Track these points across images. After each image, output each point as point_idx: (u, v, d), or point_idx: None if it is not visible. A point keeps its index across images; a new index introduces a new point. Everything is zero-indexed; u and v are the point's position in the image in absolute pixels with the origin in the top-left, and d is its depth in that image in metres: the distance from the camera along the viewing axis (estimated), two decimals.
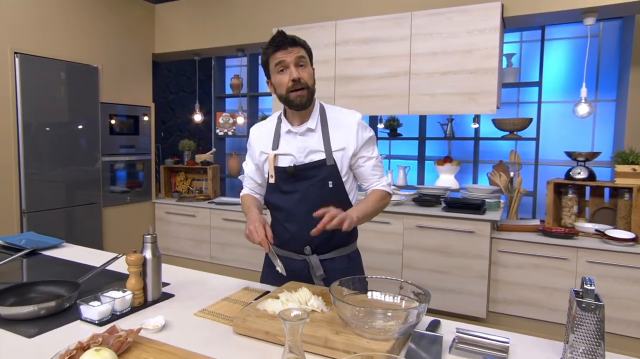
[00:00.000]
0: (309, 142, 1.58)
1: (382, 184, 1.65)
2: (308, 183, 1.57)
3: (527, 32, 4.14)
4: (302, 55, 1.51)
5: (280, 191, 1.62)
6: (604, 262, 2.85)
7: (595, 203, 3.33)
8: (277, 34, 1.52)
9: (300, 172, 1.58)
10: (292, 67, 1.49)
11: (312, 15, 3.76)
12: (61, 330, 1.26)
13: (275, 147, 1.62)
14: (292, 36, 1.52)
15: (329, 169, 1.56)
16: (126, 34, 4.23)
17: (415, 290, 1.22)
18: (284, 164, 1.60)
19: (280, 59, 1.49)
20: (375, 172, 1.64)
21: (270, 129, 1.67)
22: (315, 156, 1.57)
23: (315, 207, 1.47)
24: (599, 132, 4.05)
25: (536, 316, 3.04)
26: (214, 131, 5.16)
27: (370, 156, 1.63)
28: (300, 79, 1.49)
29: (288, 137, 1.61)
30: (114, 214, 4.16)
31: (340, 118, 1.60)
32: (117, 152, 4.16)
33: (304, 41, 1.56)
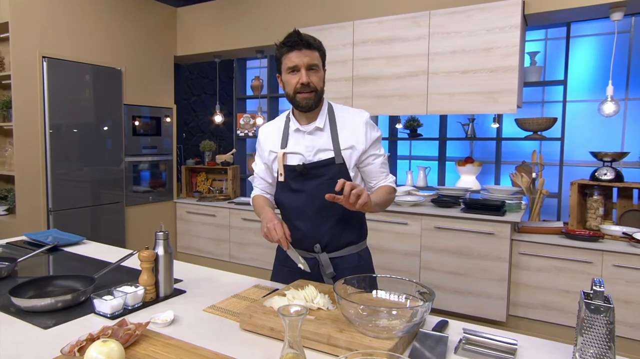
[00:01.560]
0: (318, 141, 1.59)
1: (389, 181, 1.68)
2: (317, 181, 1.58)
3: (551, 29, 4.03)
4: (315, 61, 1.52)
5: (290, 189, 1.64)
6: (632, 267, 2.74)
7: (622, 205, 3.22)
8: (292, 33, 1.52)
9: (309, 170, 1.59)
10: (303, 71, 1.50)
11: (330, 16, 3.76)
12: (75, 322, 1.30)
13: (284, 146, 1.63)
14: (308, 38, 1.51)
15: (338, 167, 1.57)
16: (149, 37, 4.34)
17: (420, 289, 1.20)
18: (293, 162, 1.61)
19: (292, 61, 1.50)
20: (383, 170, 1.66)
21: (279, 128, 1.68)
22: (324, 154, 1.58)
23: (325, 205, 1.51)
24: (629, 131, 3.90)
25: (559, 320, 2.95)
26: (234, 132, 5.22)
27: (378, 154, 1.64)
28: (310, 83, 1.51)
29: (297, 136, 1.63)
30: (137, 213, 4.26)
31: (348, 117, 1.61)
32: (139, 152, 4.26)
33: (319, 44, 1.56)
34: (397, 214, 3.34)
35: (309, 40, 1.51)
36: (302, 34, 1.52)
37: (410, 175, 4.20)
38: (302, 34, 1.52)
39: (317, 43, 1.55)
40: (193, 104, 5.33)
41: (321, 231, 1.61)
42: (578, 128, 3.93)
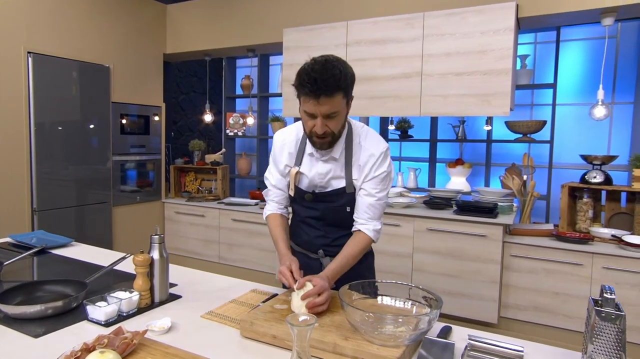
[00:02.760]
0: (331, 169, 1.53)
1: (368, 228, 1.51)
2: (327, 205, 1.57)
3: (541, 33, 4.07)
4: (334, 108, 1.35)
5: (300, 204, 1.63)
6: (621, 269, 2.78)
7: (611, 208, 3.26)
8: (312, 72, 1.29)
9: (319, 197, 1.57)
10: (319, 121, 1.37)
11: (323, 16, 3.73)
12: (68, 330, 1.25)
13: (298, 163, 1.58)
14: (328, 82, 1.28)
15: (348, 196, 1.54)
16: (138, 34, 4.25)
17: (426, 295, 1.18)
18: (303, 185, 1.58)
19: (309, 108, 1.36)
20: (368, 211, 1.51)
21: (295, 143, 1.59)
22: (336, 182, 1.54)
23: (333, 223, 1.58)
24: (615, 135, 3.96)
25: (549, 322, 2.98)
26: (224, 131, 5.16)
27: (371, 193, 1.51)
28: (326, 131, 1.40)
29: (310, 159, 1.56)
30: (124, 214, 4.17)
31: (364, 146, 1.52)
32: (127, 151, 4.17)
33: (344, 83, 1.33)
34: (389, 215, 3.33)
35: (328, 84, 1.29)
36: (323, 74, 1.28)
37: (400, 176, 4.19)
38: (323, 74, 1.28)
39: (342, 82, 1.32)
40: (182, 103, 5.25)
41: (327, 240, 1.62)
42: (565, 131, 3.97)
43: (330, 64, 1.32)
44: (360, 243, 1.51)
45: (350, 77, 1.38)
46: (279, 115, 4.72)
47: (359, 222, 1.53)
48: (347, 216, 1.57)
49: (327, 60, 1.34)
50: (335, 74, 1.30)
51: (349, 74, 1.37)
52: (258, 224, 4.03)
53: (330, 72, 1.30)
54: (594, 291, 2.85)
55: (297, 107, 4.28)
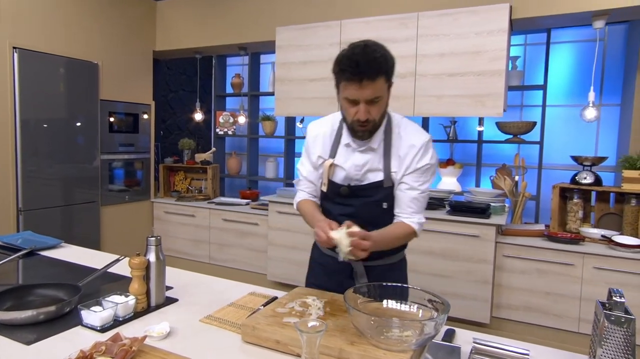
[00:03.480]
0: (368, 160, 1.46)
1: (412, 221, 1.45)
2: (362, 201, 1.48)
3: (531, 35, 4.11)
4: (377, 93, 1.30)
5: (333, 201, 1.54)
6: (611, 269, 2.81)
7: (600, 208, 3.30)
8: (353, 56, 1.26)
9: (354, 191, 1.48)
10: (362, 107, 1.32)
11: (317, 15, 3.71)
12: (61, 336, 1.21)
13: (332, 155, 1.50)
14: (370, 65, 1.25)
15: (386, 190, 1.46)
16: (127, 31, 4.17)
17: (432, 299, 1.17)
18: (338, 179, 1.50)
19: (351, 93, 1.31)
20: (412, 204, 1.45)
21: (329, 133, 1.53)
22: (373, 175, 1.46)
23: (367, 222, 1.42)
24: (602, 136, 4.01)
25: (541, 322, 3.00)
26: (213, 130, 5.10)
27: (413, 186, 1.44)
28: (369, 118, 1.35)
29: (347, 150, 1.48)
30: (112, 213, 4.09)
31: (405, 137, 1.45)
32: (116, 150, 4.10)
33: (386, 66, 1.29)
34: None
35: (371, 67, 1.26)
36: (365, 57, 1.26)
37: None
38: (365, 57, 1.26)
39: (384, 65, 1.29)
40: (171, 101, 5.18)
41: None
42: (554, 132, 4.01)
43: (371, 47, 1.29)
44: (404, 229, 1.44)
45: (391, 61, 1.34)
46: (269, 114, 4.68)
47: (402, 217, 1.45)
48: (383, 214, 1.48)
49: (366, 44, 1.30)
50: (377, 56, 1.28)
51: (390, 57, 1.33)
52: (249, 224, 3.99)
53: (371, 55, 1.27)
54: (585, 291, 2.89)
55: (290, 105, 4.22)
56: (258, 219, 3.94)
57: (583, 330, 2.91)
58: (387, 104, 1.41)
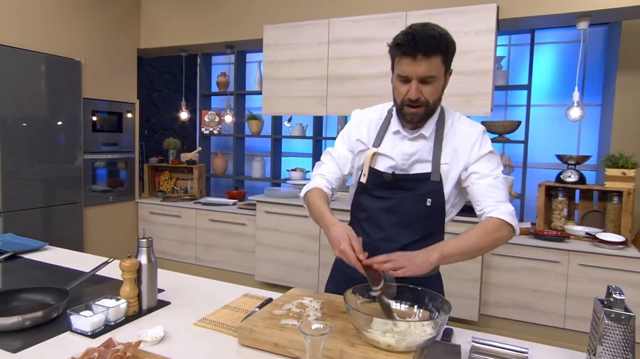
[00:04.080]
0: (419, 149, 1.36)
1: (499, 211, 1.28)
2: (404, 194, 1.37)
3: (515, 35, 4.16)
4: (432, 71, 1.24)
5: (370, 194, 1.43)
6: (595, 266, 2.86)
7: (584, 206, 3.36)
8: (409, 31, 1.23)
9: (399, 181, 1.37)
10: (414, 83, 1.25)
11: (305, 13, 3.68)
12: (49, 343, 1.16)
13: (377, 144, 1.41)
14: (428, 40, 1.20)
15: (432, 185, 1.35)
16: (110, 28, 4.07)
17: (433, 298, 1.16)
18: (382, 167, 1.40)
19: (404, 69, 1.25)
20: (490, 193, 1.30)
21: (376, 120, 1.44)
22: (420, 166, 1.37)
23: (407, 222, 1.36)
24: (583, 136, 4.10)
25: (528, 319, 3.04)
26: (199, 130, 5.03)
27: (485, 173, 1.32)
28: (420, 98, 1.27)
29: (394, 138, 1.39)
30: (96, 214, 4.00)
31: (458, 127, 1.38)
32: (99, 150, 4.00)
33: (446, 43, 1.24)
34: None
35: (429, 42, 1.21)
36: (422, 33, 1.21)
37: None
38: (422, 33, 1.21)
39: (443, 44, 1.23)
40: (155, 100, 5.08)
41: (395, 246, 1.36)
42: (537, 131, 4.07)
43: (430, 26, 1.25)
44: (489, 228, 1.26)
45: (452, 44, 1.29)
46: (256, 113, 4.64)
47: (487, 210, 1.29)
48: (425, 213, 1.36)
49: (426, 23, 1.27)
50: (435, 35, 1.23)
51: (450, 40, 1.28)
52: (236, 224, 3.94)
53: (429, 32, 1.23)
54: (570, 288, 2.93)
55: (277, 104, 4.18)
56: (245, 219, 3.90)
57: (568, 326, 2.96)
58: (442, 90, 1.33)
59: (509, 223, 1.28)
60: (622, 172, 3.05)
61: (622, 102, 3.64)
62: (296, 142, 4.91)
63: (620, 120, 3.66)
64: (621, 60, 3.62)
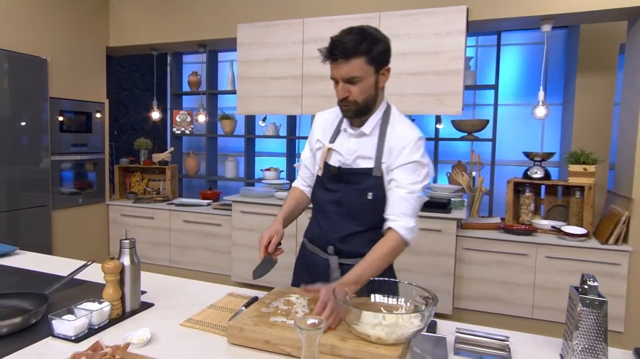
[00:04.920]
0: (361, 147, 1.48)
1: (399, 224, 1.38)
2: (350, 188, 1.49)
3: (482, 37, 4.30)
4: (354, 72, 1.32)
5: (324, 187, 1.56)
6: (561, 257, 2.99)
7: (549, 201, 3.51)
8: (331, 40, 1.33)
9: (343, 175, 1.50)
10: (340, 85, 1.37)
11: (279, 12, 3.68)
12: (31, 349, 1.13)
13: (332, 141, 1.54)
14: (346, 45, 1.30)
15: (374, 180, 1.45)
16: (78, 25, 3.94)
17: (420, 292, 1.20)
18: (333, 162, 1.53)
19: (331, 72, 1.38)
20: (399, 205, 1.39)
21: (332, 120, 1.59)
22: (363, 162, 1.48)
23: (351, 213, 1.49)
24: (546, 134, 4.29)
25: (499, 310, 3.15)
26: (170, 130, 4.94)
27: (401, 185, 1.40)
28: (348, 97, 1.38)
29: (344, 135, 1.53)
30: (65, 217, 3.86)
31: (397, 130, 1.45)
32: (67, 151, 3.86)
33: (367, 46, 1.31)
34: None
35: (346, 47, 1.30)
36: (341, 39, 1.31)
37: None
38: (341, 39, 1.31)
39: (363, 46, 1.30)
40: (124, 100, 4.96)
41: (338, 235, 1.51)
42: (502, 130, 4.23)
43: (355, 29, 1.34)
44: (389, 242, 1.37)
45: (381, 45, 1.35)
46: (228, 113, 4.60)
47: (390, 219, 1.40)
48: (367, 205, 1.46)
49: (353, 28, 1.36)
50: (356, 38, 1.31)
51: (377, 41, 1.34)
52: (211, 225, 3.90)
53: (349, 37, 1.32)
54: (538, 279, 3.06)
55: (252, 103, 4.15)
56: (221, 220, 3.87)
57: (536, 316, 3.08)
58: (374, 87, 1.40)
59: (406, 240, 1.40)
60: (583, 168, 3.20)
61: (582, 102, 3.83)
62: (269, 142, 4.90)
63: (581, 119, 3.84)
64: (580, 62, 3.80)
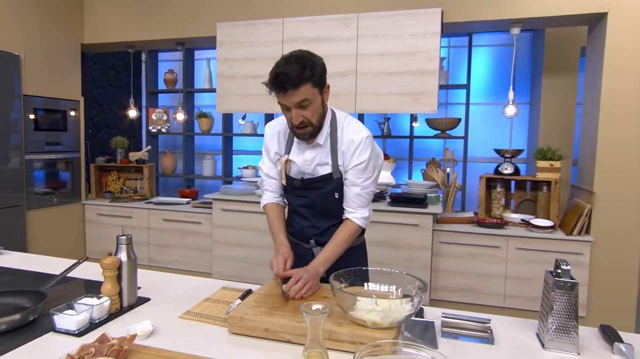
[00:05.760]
0: (317, 155, 1.58)
1: (355, 216, 1.58)
2: (316, 192, 1.62)
3: (454, 38, 4.45)
4: (304, 96, 1.40)
5: (292, 194, 1.69)
6: (530, 248, 3.16)
7: (519, 195, 3.69)
8: (275, 72, 1.39)
9: (308, 184, 1.62)
10: (294, 111, 1.44)
11: (258, 11, 3.70)
12: (34, 344, 1.15)
13: (287, 151, 1.64)
14: (292, 75, 1.36)
15: (336, 181, 1.59)
16: (51, 21, 3.83)
17: (411, 280, 1.28)
18: (293, 173, 1.64)
19: (280, 101, 1.45)
20: (355, 200, 1.57)
21: (284, 130, 1.65)
22: (322, 169, 1.59)
23: (323, 212, 1.63)
24: (514, 131, 4.49)
25: (473, 301, 3.30)
26: (145, 128, 4.89)
27: (355, 183, 1.56)
28: (303, 120, 1.46)
29: (299, 146, 1.61)
30: (40, 218, 3.77)
31: (346, 133, 1.56)
32: (42, 149, 3.78)
33: (310, 73, 1.39)
34: None
35: (293, 77, 1.37)
36: (285, 71, 1.37)
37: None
38: (285, 71, 1.37)
39: (307, 73, 1.38)
40: (98, 97, 4.87)
41: (318, 230, 1.66)
42: (475, 128, 4.40)
43: (292, 58, 1.40)
44: (348, 230, 1.58)
45: (320, 68, 1.44)
46: (206, 111, 4.59)
47: (348, 211, 1.60)
48: (335, 203, 1.62)
49: (291, 56, 1.42)
50: (297, 68, 1.37)
51: (316, 65, 1.43)
52: (191, 223, 3.90)
53: (292, 67, 1.38)
54: (509, 270, 3.22)
55: (231, 102, 4.18)
56: (201, 218, 3.87)
57: (507, 305, 3.24)
58: (322, 105, 1.50)
59: (361, 227, 1.60)
60: (550, 164, 3.39)
61: (548, 101, 4.03)
62: (246, 140, 4.92)
63: (546, 117, 4.05)
64: (546, 63, 4.01)
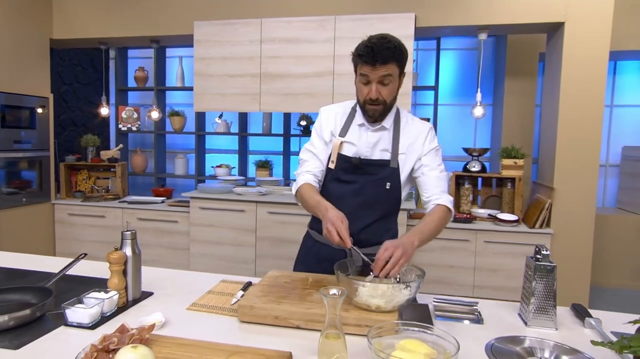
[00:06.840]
0: (380, 139, 1.60)
1: (444, 200, 1.57)
2: (368, 178, 1.60)
3: (422, 41, 4.64)
4: (389, 74, 1.47)
5: (337, 179, 1.64)
6: (496, 241, 3.37)
7: (485, 192, 3.91)
8: (369, 43, 1.45)
9: (363, 166, 1.60)
10: (374, 86, 1.49)
11: (236, 11, 3.72)
12: (49, 337, 1.17)
13: (343, 135, 1.63)
14: (384, 52, 1.43)
15: (391, 170, 1.60)
16: (18, 15, 3.70)
17: (410, 269, 1.39)
18: (349, 153, 1.61)
19: (365, 72, 1.49)
20: (437, 184, 1.59)
21: (342, 115, 1.67)
22: (382, 154, 1.61)
23: (369, 203, 1.59)
24: (479, 131, 4.75)
25: (446, 292, 3.46)
26: (115, 126, 4.79)
27: (433, 167, 1.61)
28: (379, 97, 1.51)
29: (359, 130, 1.62)
30: (8, 218, 3.63)
31: (411, 124, 1.64)
32: (10, 148, 3.65)
33: (400, 53, 1.47)
34: None
35: (385, 54, 1.44)
36: (379, 46, 1.44)
37: None
38: (379, 46, 1.44)
39: (397, 53, 1.46)
40: (65, 95, 4.73)
41: (356, 226, 1.55)
42: (442, 128, 4.61)
43: (387, 38, 1.48)
44: (439, 212, 1.53)
45: (405, 53, 1.51)
46: (178, 109, 4.56)
47: (434, 198, 1.57)
48: (384, 196, 1.60)
49: (385, 35, 1.49)
50: (390, 47, 1.45)
51: (404, 49, 1.50)
52: (168, 222, 3.88)
53: (385, 45, 1.45)
54: (478, 262, 3.42)
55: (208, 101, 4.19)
56: (178, 217, 3.86)
57: (477, 294, 3.44)
58: (397, 90, 1.57)
59: (451, 209, 1.59)
60: (514, 161, 3.62)
61: (510, 103, 4.29)
62: (219, 139, 4.92)
63: (509, 118, 4.31)
64: (508, 67, 4.26)
